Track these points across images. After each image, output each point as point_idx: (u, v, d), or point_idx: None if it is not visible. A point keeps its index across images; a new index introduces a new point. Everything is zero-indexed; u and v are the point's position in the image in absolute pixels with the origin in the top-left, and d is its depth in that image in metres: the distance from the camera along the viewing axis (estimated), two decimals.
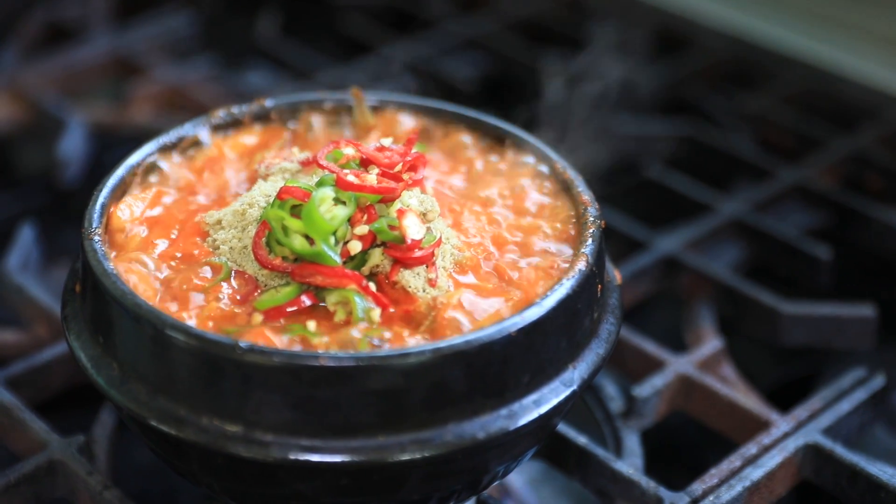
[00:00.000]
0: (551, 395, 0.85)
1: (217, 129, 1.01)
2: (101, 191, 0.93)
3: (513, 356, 0.82)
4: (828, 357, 1.27)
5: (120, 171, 0.95)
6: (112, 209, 0.92)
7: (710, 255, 1.29)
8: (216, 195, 0.96)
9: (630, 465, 1.03)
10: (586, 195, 0.94)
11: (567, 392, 0.85)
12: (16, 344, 1.16)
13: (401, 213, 0.86)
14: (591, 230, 0.91)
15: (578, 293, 0.86)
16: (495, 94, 1.60)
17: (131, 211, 0.93)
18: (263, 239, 0.87)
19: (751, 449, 1.02)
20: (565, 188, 0.96)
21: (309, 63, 1.60)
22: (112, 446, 1.04)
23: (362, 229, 0.86)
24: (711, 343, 1.15)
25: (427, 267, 0.87)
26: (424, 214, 0.88)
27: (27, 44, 1.64)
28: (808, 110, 1.52)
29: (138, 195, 0.94)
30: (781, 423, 1.05)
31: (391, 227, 0.86)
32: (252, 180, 0.97)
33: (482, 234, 0.92)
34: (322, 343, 0.82)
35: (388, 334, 0.83)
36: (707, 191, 1.37)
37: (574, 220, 0.93)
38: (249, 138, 1.01)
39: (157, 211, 0.94)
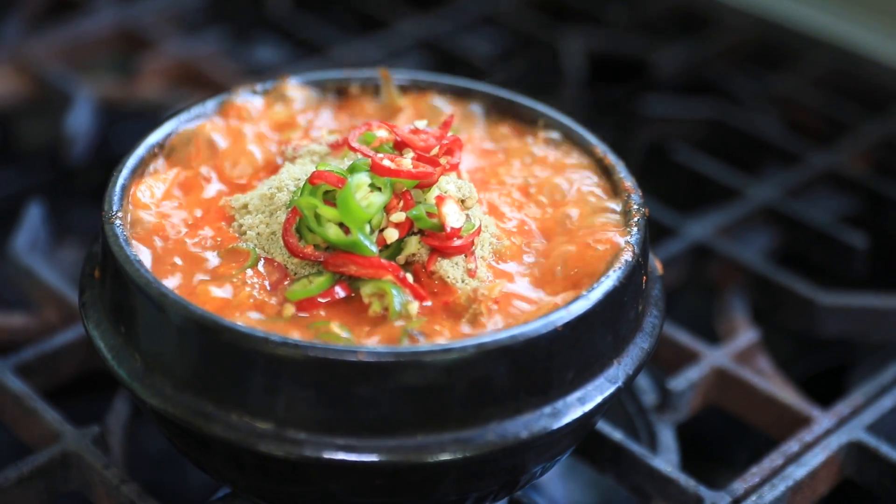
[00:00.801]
0: (596, 392, 0.81)
1: (237, 107, 0.96)
2: (120, 171, 0.88)
3: (558, 351, 0.78)
4: (855, 348, 1.23)
5: (140, 151, 0.90)
6: (132, 191, 0.88)
7: (741, 241, 1.25)
8: (241, 177, 0.91)
9: (666, 461, 0.99)
10: (628, 181, 0.90)
11: (612, 389, 0.81)
12: (25, 328, 1.11)
13: (440, 199, 0.82)
14: (635, 219, 0.86)
15: (625, 285, 0.82)
16: (513, 72, 1.55)
17: (152, 192, 0.89)
18: (294, 226, 0.82)
19: (792, 446, 0.98)
20: (606, 173, 0.92)
21: (321, 38, 1.55)
22: (127, 437, 1.00)
23: (399, 217, 0.81)
24: (747, 334, 1.11)
25: (466, 256, 0.83)
26: (463, 201, 0.84)
27: (31, 15, 1.58)
28: (836, 92, 1.48)
29: (159, 176, 0.90)
30: (823, 420, 1.01)
31: (429, 215, 0.81)
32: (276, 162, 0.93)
33: (519, 220, 0.88)
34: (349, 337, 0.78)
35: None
36: (736, 175, 1.33)
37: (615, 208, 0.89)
38: (273, 118, 0.97)
39: (178, 193, 0.89)
